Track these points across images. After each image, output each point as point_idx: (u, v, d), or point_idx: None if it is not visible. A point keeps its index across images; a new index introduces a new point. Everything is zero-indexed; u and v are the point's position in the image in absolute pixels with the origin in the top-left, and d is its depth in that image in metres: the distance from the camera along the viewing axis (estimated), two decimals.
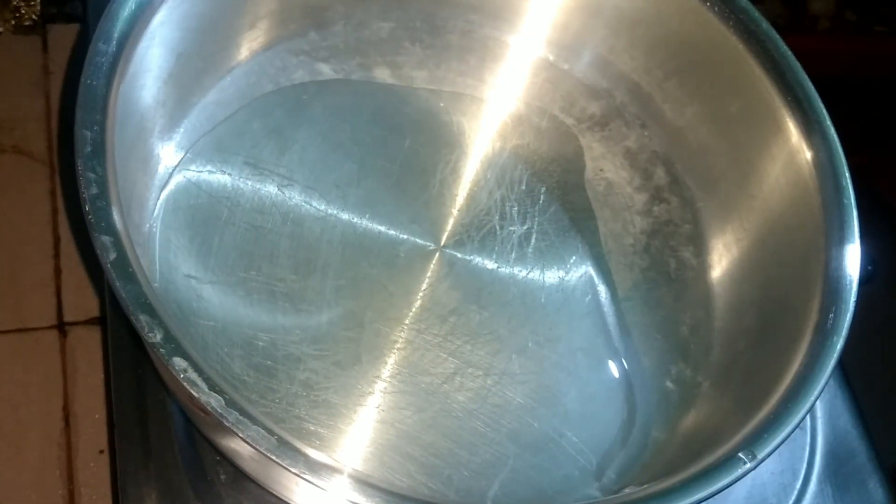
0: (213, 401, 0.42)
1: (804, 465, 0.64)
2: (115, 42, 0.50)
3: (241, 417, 0.42)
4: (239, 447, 0.48)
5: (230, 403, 0.43)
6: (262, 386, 0.55)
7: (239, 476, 0.57)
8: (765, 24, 0.63)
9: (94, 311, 0.74)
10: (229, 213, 0.60)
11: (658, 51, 0.68)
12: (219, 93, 0.64)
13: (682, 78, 0.68)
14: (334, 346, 0.58)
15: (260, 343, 0.57)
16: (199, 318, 0.56)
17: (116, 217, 0.46)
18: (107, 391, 0.68)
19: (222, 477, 0.57)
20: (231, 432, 0.43)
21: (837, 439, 0.66)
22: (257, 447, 0.42)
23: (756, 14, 0.63)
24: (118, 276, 0.44)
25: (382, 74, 0.69)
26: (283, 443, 0.42)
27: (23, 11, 0.83)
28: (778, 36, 0.63)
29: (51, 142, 0.81)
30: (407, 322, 0.60)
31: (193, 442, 0.58)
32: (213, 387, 0.43)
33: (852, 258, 0.57)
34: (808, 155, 0.60)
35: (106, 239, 0.45)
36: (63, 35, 0.86)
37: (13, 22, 0.83)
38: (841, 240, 0.57)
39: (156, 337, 0.43)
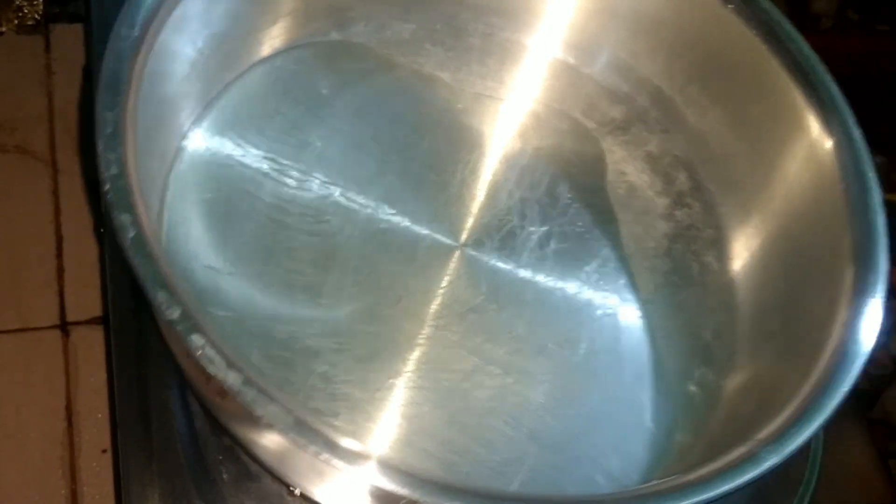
0: (231, 378, 0.42)
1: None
2: (137, 27, 0.50)
3: (258, 395, 0.41)
4: (255, 433, 0.47)
5: (247, 382, 0.42)
6: (280, 378, 0.55)
7: (241, 475, 0.56)
8: (787, 25, 0.63)
9: (97, 311, 0.73)
10: (248, 206, 0.60)
11: (679, 54, 0.68)
12: (240, 87, 0.64)
13: (704, 82, 0.68)
14: (353, 341, 0.57)
15: (277, 335, 0.56)
16: (217, 309, 0.56)
17: (136, 197, 0.45)
18: (109, 390, 0.67)
19: (225, 476, 0.56)
20: (249, 414, 0.42)
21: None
22: (275, 425, 0.41)
23: (778, 14, 0.62)
24: (136, 253, 0.43)
25: (404, 75, 0.69)
26: (300, 422, 0.41)
27: (25, 11, 0.83)
28: (800, 36, 0.62)
29: (53, 142, 0.80)
30: (426, 319, 0.60)
31: (196, 441, 0.57)
32: (230, 364, 0.42)
33: (880, 263, 0.56)
34: (832, 155, 0.59)
35: (125, 217, 0.44)
36: (66, 35, 0.86)
37: (16, 21, 0.83)
38: (866, 245, 0.56)
39: (174, 314, 0.42)
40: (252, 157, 0.62)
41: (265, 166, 0.62)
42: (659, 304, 0.65)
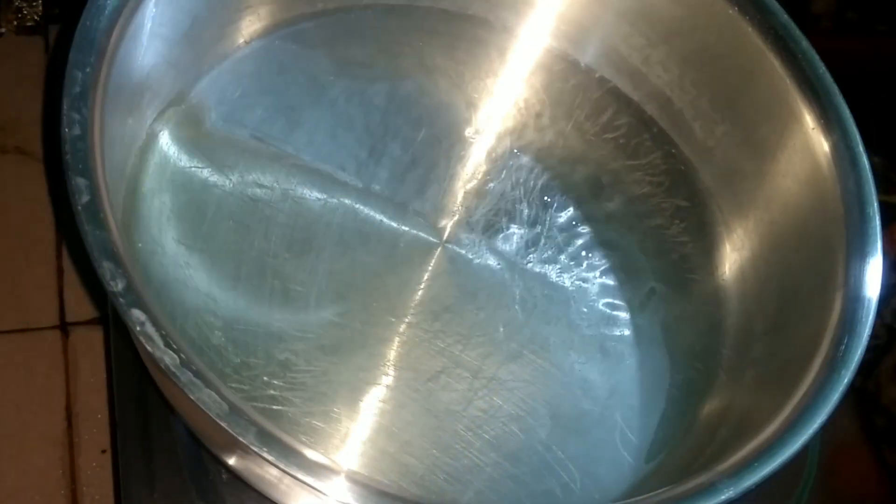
0: (168, 358, 0.40)
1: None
2: None
3: (194, 379, 0.40)
4: (198, 418, 0.46)
5: (185, 363, 0.40)
6: (239, 361, 0.53)
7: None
8: (804, 43, 0.60)
9: (97, 311, 0.72)
10: (229, 183, 0.58)
11: (693, 65, 0.66)
12: (234, 63, 0.62)
13: (714, 96, 0.66)
14: (319, 331, 0.56)
15: (242, 318, 0.55)
16: (184, 285, 0.54)
17: (97, 161, 0.44)
18: (109, 391, 0.67)
19: (224, 476, 0.56)
20: (185, 396, 0.40)
21: None
22: (207, 411, 0.40)
23: (796, 32, 0.60)
24: (87, 220, 0.42)
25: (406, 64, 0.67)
26: (235, 410, 0.40)
27: (25, 12, 0.81)
28: (815, 54, 0.60)
29: None
30: (399, 315, 0.58)
31: (195, 441, 0.57)
32: (169, 344, 0.41)
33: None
34: (835, 180, 0.57)
35: (81, 181, 0.43)
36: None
37: (15, 23, 0.81)
38: (858, 274, 0.54)
39: (117, 286, 0.41)
40: (238, 134, 0.60)
41: (251, 145, 0.60)
42: (644, 321, 0.63)
